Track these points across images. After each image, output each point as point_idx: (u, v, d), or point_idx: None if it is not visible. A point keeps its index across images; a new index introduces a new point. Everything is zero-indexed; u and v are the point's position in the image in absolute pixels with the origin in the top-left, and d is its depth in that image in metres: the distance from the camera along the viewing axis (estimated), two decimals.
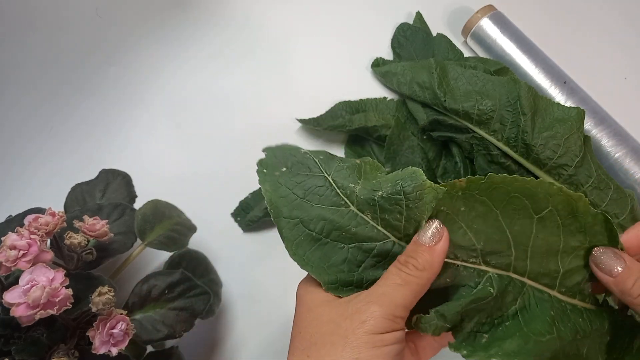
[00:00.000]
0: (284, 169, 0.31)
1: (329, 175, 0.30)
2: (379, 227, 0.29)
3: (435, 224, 0.28)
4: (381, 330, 0.26)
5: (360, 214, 0.29)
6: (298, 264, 0.29)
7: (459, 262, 0.29)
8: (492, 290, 0.28)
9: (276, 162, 0.32)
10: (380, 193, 0.29)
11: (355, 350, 0.25)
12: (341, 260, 0.29)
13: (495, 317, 0.29)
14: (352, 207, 0.29)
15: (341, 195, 0.30)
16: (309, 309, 0.28)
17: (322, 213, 0.30)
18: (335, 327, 0.26)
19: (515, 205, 0.29)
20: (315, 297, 0.29)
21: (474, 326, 0.29)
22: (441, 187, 0.29)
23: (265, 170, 0.31)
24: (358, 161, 0.31)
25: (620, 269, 0.27)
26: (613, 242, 0.29)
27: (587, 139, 0.43)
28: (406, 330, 0.30)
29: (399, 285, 0.27)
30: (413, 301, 0.27)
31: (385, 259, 0.30)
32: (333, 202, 0.30)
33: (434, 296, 0.29)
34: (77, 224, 0.39)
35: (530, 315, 0.29)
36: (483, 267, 0.29)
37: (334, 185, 0.30)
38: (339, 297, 0.29)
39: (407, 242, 0.29)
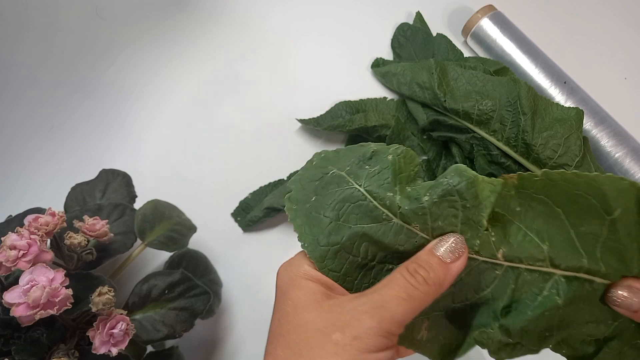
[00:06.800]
0: (314, 197, 0.27)
1: (360, 185, 0.26)
2: (430, 238, 0.26)
3: (456, 238, 0.25)
4: (374, 349, 0.23)
5: (407, 226, 0.26)
6: None
7: (523, 266, 0.26)
8: (558, 300, 0.25)
9: (304, 193, 0.28)
10: (426, 198, 0.25)
11: None
12: None
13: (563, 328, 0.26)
14: (395, 220, 0.26)
15: (380, 207, 0.26)
16: (295, 308, 0.25)
17: (363, 233, 0.26)
18: (324, 338, 0.23)
19: (580, 205, 0.25)
20: (303, 294, 0.25)
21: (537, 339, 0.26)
22: (496, 180, 0.26)
23: (295, 207, 0.28)
24: (390, 157, 0.26)
25: (637, 302, 0.24)
26: None
27: (585, 139, 0.44)
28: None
29: (402, 299, 0.24)
30: (411, 317, 0.24)
31: None
32: (373, 217, 0.26)
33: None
34: (77, 224, 0.39)
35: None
36: (550, 270, 0.25)
37: (368, 197, 0.26)
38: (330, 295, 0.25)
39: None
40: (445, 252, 0.25)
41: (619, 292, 0.25)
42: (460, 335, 0.27)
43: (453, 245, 0.25)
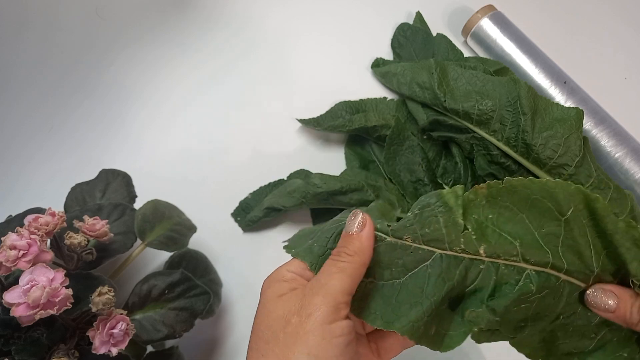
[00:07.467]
0: (311, 240, 0.32)
1: None
2: (423, 246, 0.29)
3: (359, 214, 0.30)
4: (328, 320, 0.26)
5: (400, 241, 0.29)
6: (385, 328, 0.29)
7: (501, 261, 0.29)
8: (532, 287, 0.28)
9: (301, 241, 0.33)
10: (409, 214, 0.30)
11: (305, 345, 0.26)
12: (404, 295, 0.29)
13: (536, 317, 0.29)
14: (388, 238, 0.30)
15: (374, 232, 0.30)
16: (264, 304, 0.29)
17: None
18: (285, 323, 0.27)
19: (539, 208, 0.29)
20: (272, 291, 0.29)
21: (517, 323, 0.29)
22: (458, 187, 0.30)
23: (294, 249, 0.32)
24: (373, 203, 0.32)
25: (614, 304, 0.28)
26: (636, 256, 0.28)
27: (585, 139, 0.44)
28: (367, 332, 0.33)
29: (334, 274, 0.28)
30: (352, 285, 0.28)
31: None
32: None
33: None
34: (77, 224, 0.39)
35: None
36: (522, 264, 0.29)
37: None
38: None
39: (451, 249, 0.29)
40: (353, 227, 0.29)
41: (594, 294, 0.29)
42: (457, 324, 0.30)
43: (357, 220, 0.29)
